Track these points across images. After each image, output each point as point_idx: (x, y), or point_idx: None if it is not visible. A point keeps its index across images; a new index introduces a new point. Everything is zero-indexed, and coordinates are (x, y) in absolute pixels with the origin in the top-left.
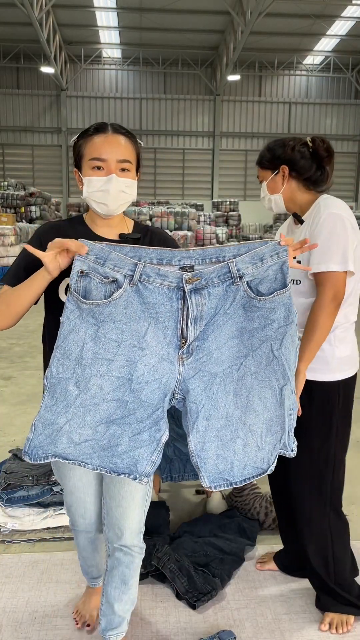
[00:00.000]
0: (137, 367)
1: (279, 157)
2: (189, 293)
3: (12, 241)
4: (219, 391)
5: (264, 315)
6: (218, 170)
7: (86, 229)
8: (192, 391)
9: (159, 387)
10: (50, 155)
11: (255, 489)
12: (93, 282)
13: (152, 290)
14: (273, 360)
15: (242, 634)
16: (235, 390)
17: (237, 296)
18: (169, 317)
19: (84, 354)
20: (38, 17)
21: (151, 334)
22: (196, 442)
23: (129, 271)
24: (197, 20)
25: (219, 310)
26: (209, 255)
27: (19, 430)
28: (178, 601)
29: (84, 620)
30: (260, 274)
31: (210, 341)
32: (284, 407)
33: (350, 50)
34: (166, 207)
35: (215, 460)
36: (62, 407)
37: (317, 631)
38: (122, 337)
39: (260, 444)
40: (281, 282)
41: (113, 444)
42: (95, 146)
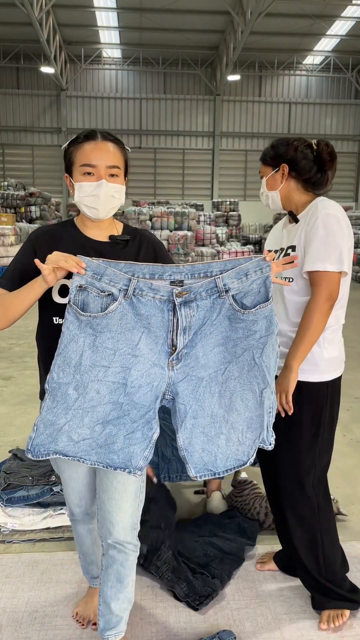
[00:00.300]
0: (131, 372)
1: (281, 155)
2: (179, 305)
3: (12, 241)
4: (205, 393)
5: (247, 326)
6: (218, 170)
7: (77, 232)
8: (181, 393)
9: (150, 390)
10: (50, 155)
11: (256, 489)
12: (90, 296)
13: (144, 303)
14: (254, 366)
15: (242, 634)
16: (220, 392)
17: (223, 308)
18: (160, 327)
19: (82, 361)
20: (38, 17)
21: (144, 343)
22: (184, 437)
23: (124, 285)
24: (197, 20)
25: (206, 321)
26: (197, 270)
27: (19, 430)
28: (178, 601)
29: (88, 619)
30: (245, 288)
31: (198, 349)
32: (264, 407)
33: (350, 50)
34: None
35: (201, 453)
36: (63, 409)
37: (317, 631)
38: (117, 346)
39: (241, 439)
40: (264, 296)
41: (109, 441)
42: (85, 153)
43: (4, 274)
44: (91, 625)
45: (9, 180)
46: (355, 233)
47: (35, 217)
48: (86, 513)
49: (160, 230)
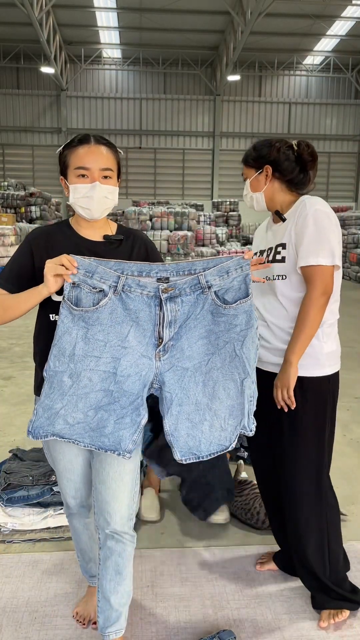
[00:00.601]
0: (120, 362)
1: (264, 157)
2: (165, 301)
3: (12, 241)
4: (190, 382)
5: (228, 320)
6: (218, 171)
7: (72, 232)
8: (167, 382)
9: (139, 379)
10: (50, 155)
11: (255, 489)
12: (83, 292)
13: (133, 299)
14: (235, 357)
15: (242, 634)
16: (204, 381)
17: (206, 304)
18: (147, 321)
19: (76, 352)
20: (38, 17)
21: (132, 335)
22: (170, 424)
23: (113, 282)
24: (197, 20)
25: (190, 315)
26: (182, 268)
27: (19, 430)
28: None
29: (88, 618)
30: (226, 285)
31: (183, 341)
32: (244, 396)
33: (350, 50)
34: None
35: (186, 438)
36: (59, 395)
37: (317, 631)
38: (108, 338)
39: (224, 425)
40: (244, 292)
41: (101, 425)
42: (79, 156)
43: (1, 274)
44: (91, 625)
45: (9, 181)
46: (354, 233)
47: (35, 217)
48: (82, 505)
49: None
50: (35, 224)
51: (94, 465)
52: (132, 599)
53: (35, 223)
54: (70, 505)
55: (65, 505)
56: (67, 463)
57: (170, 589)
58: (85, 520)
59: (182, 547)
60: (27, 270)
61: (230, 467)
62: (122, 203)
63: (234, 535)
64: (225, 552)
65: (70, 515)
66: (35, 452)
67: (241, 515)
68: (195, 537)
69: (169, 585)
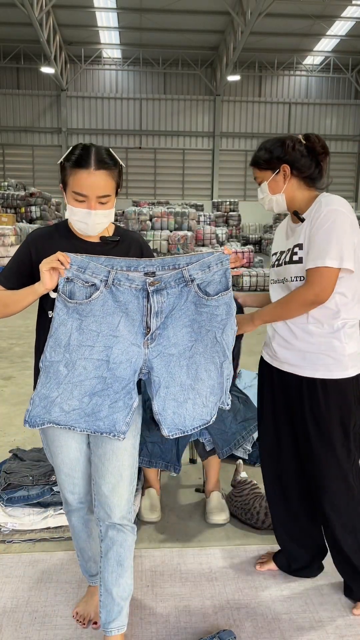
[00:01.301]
0: (112, 351)
1: (279, 156)
2: (152, 293)
3: (12, 241)
4: (175, 366)
5: (210, 311)
6: (218, 171)
7: (70, 234)
8: (155, 367)
9: (129, 365)
10: (50, 155)
11: (255, 489)
12: (76, 286)
13: (122, 292)
14: (216, 344)
15: (242, 633)
16: (188, 365)
17: (190, 295)
18: (136, 312)
19: (71, 342)
20: (38, 18)
21: (123, 325)
22: (158, 404)
23: (104, 277)
24: (197, 20)
25: (175, 306)
26: (167, 263)
27: (19, 430)
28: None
29: (88, 618)
30: (207, 278)
31: (169, 330)
32: (223, 376)
33: (350, 50)
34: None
35: (172, 416)
36: (55, 384)
37: (317, 631)
38: (100, 328)
39: (205, 402)
40: (225, 285)
41: (96, 410)
42: (78, 181)
43: (2, 272)
44: (91, 625)
45: (9, 181)
46: None
47: (35, 218)
48: (80, 502)
49: (160, 230)
50: (35, 224)
51: (93, 461)
52: (132, 598)
53: (35, 223)
54: (69, 501)
55: (64, 502)
56: (65, 457)
57: (170, 589)
58: (84, 517)
59: (182, 547)
60: (26, 269)
61: (229, 468)
62: (122, 203)
63: (234, 535)
64: (225, 552)
65: (70, 512)
66: (35, 452)
67: (241, 515)
68: (195, 537)
69: (169, 585)
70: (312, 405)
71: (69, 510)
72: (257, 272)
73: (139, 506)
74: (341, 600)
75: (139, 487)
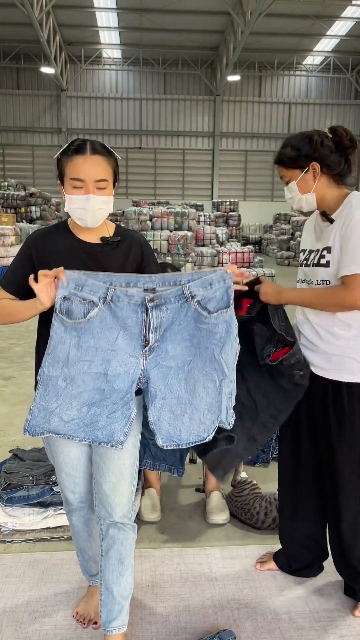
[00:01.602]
0: (111, 364)
1: (308, 154)
2: (151, 309)
3: (12, 241)
4: (173, 379)
5: (209, 328)
6: (218, 171)
7: (70, 234)
8: (152, 379)
9: (128, 377)
10: (50, 155)
11: (255, 489)
12: (74, 304)
13: (121, 307)
14: (214, 361)
15: (242, 633)
16: (186, 379)
17: (189, 311)
18: (134, 326)
19: (69, 358)
20: (38, 18)
21: (121, 339)
22: (154, 414)
23: (102, 294)
24: (197, 20)
25: (174, 321)
26: (168, 280)
27: (19, 430)
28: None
29: (89, 618)
30: (209, 295)
31: (167, 343)
32: (222, 395)
33: (350, 50)
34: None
35: (168, 427)
36: (54, 396)
37: (317, 631)
38: (98, 344)
39: (202, 419)
40: (226, 302)
41: (94, 420)
42: (75, 167)
43: (5, 275)
44: (91, 625)
45: (9, 181)
46: None
47: (35, 218)
48: (81, 501)
49: (160, 230)
50: (35, 224)
51: (94, 460)
52: (132, 598)
53: (35, 223)
54: (70, 500)
55: (64, 501)
56: (66, 457)
57: (170, 589)
58: (85, 517)
59: (182, 547)
60: (28, 271)
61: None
62: (122, 203)
63: (234, 535)
64: (225, 552)
65: (70, 511)
66: (35, 452)
67: (241, 515)
68: (195, 537)
69: (169, 585)
70: (336, 407)
71: (69, 510)
72: (257, 272)
73: (139, 506)
74: (341, 600)
75: (139, 487)
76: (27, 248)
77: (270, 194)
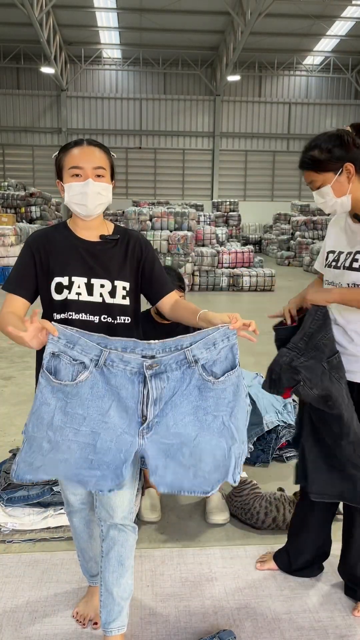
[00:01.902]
0: (100, 436)
1: (341, 156)
2: (150, 377)
3: (12, 241)
4: (176, 453)
5: (217, 394)
6: (218, 171)
7: (70, 233)
8: (152, 456)
9: (120, 453)
10: (50, 155)
11: (255, 489)
12: (62, 363)
13: (115, 374)
14: (224, 429)
15: (242, 633)
16: (191, 453)
17: (193, 379)
18: (130, 398)
19: (54, 422)
20: (38, 18)
21: (114, 411)
22: (157, 479)
23: (95, 356)
24: (197, 20)
25: (176, 392)
26: (168, 345)
27: (19, 430)
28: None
29: (88, 618)
30: (213, 357)
31: (168, 418)
32: (231, 459)
33: (350, 50)
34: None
35: (172, 479)
36: (39, 455)
37: (317, 631)
38: (87, 412)
39: (207, 477)
40: (231, 362)
41: (82, 481)
42: (73, 157)
43: (9, 278)
44: (91, 625)
45: (9, 181)
46: None
47: (35, 218)
48: (82, 502)
49: (160, 230)
50: (35, 224)
51: None
52: (132, 598)
53: (35, 223)
54: (71, 501)
55: (65, 503)
56: None
57: (170, 589)
58: (86, 518)
59: (182, 547)
60: (31, 272)
61: None
62: (122, 203)
63: (234, 535)
64: (225, 552)
65: (71, 512)
66: None
67: (241, 515)
68: (195, 537)
69: (169, 585)
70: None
71: (70, 511)
72: (257, 272)
73: (139, 506)
74: (341, 600)
75: (139, 487)
76: (28, 248)
77: (270, 194)
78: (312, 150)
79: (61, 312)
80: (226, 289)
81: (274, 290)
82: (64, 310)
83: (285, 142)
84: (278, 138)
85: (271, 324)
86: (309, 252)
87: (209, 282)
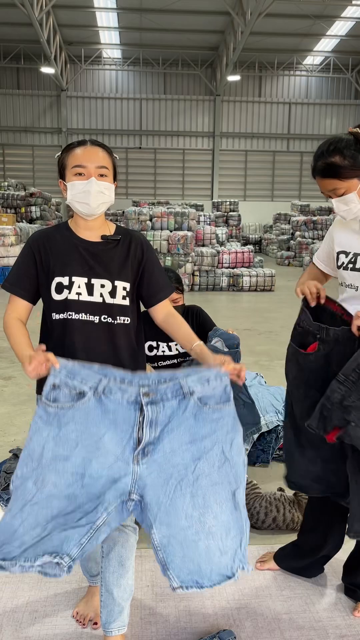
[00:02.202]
0: (92, 463)
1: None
2: (146, 405)
3: (12, 241)
4: (175, 491)
5: (214, 420)
6: (218, 171)
7: (71, 234)
8: (149, 487)
9: (111, 484)
10: (50, 155)
11: (255, 489)
12: (62, 393)
13: (112, 400)
14: (225, 462)
15: (242, 633)
16: (192, 492)
17: (189, 406)
18: (126, 424)
19: (44, 453)
20: (38, 18)
21: (109, 437)
22: (161, 535)
23: (94, 384)
24: (197, 20)
25: (172, 418)
26: (164, 377)
27: (19, 430)
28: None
29: (89, 618)
30: (207, 392)
31: (165, 444)
32: (240, 511)
33: (350, 50)
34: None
35: (182, 559)
36: (19, 506)
37: (317, 631)
38: (81, 438)
39: (222, 547)
40: (226, 399)
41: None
42: (76, 156)
43: (10, 278)
44: (91, 625)
45: (9, 181)
46: None
47: (35, 218)
48: None
49: (160, 230)
50: (35, 224)
51: None
52: (133, 598)
53: (35, 223)
54: None
55: None
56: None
57: (170, 589)
58: None
59: None
60: (31, 272)
61: None
62: (122, 203)
63: None
64: None
65: None
66: None
67: None
68: None
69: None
70: None
71: None
72: (257, 272)
73: None
74: (341, 600)
75: None
76: (28, 249)
77: (270, 194)
78: (331, 157)
79: (61, 312)
80: (226, 289)
81: (273, 290)
82: (64, 310)
83: (285, 142)
84: (278, 138)
85: (271, 324)
86: (309, 252)
87: (209, 282)
